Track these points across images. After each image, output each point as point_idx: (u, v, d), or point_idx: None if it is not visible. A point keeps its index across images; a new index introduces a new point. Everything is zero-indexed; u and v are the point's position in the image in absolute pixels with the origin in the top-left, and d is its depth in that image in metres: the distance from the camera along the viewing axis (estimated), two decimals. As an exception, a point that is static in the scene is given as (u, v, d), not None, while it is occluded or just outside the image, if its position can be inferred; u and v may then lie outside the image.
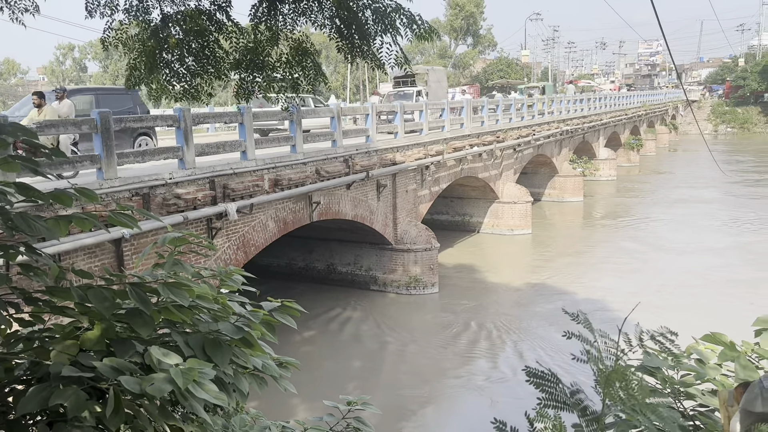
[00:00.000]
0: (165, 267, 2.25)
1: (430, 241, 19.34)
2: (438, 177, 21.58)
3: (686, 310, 16.12)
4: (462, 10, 73.19)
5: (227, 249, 12.70)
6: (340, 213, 16.55)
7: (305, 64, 5.57)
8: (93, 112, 10.60)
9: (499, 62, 78.81)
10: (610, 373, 2.29)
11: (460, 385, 13.73)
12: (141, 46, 5.35)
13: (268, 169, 13.75)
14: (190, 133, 11.89)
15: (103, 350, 1.85)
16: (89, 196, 2.10)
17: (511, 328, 16.50)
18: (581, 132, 37.31)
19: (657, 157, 54.16)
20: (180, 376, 1.67)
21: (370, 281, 19.81)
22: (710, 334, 3.37)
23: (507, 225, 26.83)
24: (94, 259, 9.95)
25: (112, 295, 1.90)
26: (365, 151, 17.46)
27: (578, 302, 17.21)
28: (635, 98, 57.41)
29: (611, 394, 2.27)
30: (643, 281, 19.56)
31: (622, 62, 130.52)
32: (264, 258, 18.02)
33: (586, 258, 23.30)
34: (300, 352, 14.35)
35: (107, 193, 10.15)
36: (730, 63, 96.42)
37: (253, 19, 5.07)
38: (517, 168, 28.46)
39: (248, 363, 2.10)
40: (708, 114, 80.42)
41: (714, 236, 25.34)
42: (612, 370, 2.31)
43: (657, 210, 31.55)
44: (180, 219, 11.06)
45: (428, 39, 4.95)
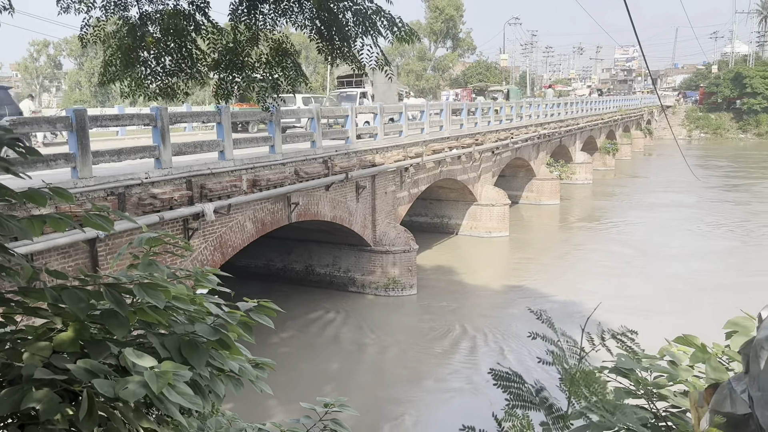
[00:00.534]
0: (139, 267, 2.23)
1: (409, 242, 19.38)
2: (417, 179, 21.64)
3: (660, 311, 16.38)
4: (442, 13, 73.50)
5: (204, 250, 12.58)
6: (319, 214, 16.50)
7: (285, 65, 5.55)
8: (68, 110, 10.43)
9: (479, 66, 79.36)
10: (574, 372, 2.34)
11: (439, 387, 13.77)
12: (118, 42, 5.29)
13: (246, 170, 13.66)
14: (167, 132, 11.76)
15: (77, 352, 1.83)
16: (64, 196, 2.07)
17: (489, 329, 16.61)
18: (558, 136, 37.72)
19: (632, 162, 54.96)
20: (155, 380, 1.65)
21: (348, 283, 19.78)
22: (682, 336, 3.43)
23: (485, 227, 27.01)
24: (68, 259, 9.79)
25: (86, 296, 1.87)
26: (345, 152, 17.44)
27: (554, 303, 17.39)
28: (611, 103, 58.19)
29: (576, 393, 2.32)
30: (618, 283, 19.83)
31: (599, 67, 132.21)
32: (242, 259, 17.89)
33: (563, 260, 23.55)
34: (277, 354, 14.27)
35: (82, 192, 9.99)
36: (703, 70, 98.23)
37: (232, 19, 5.04)
38: (495, 171, 28.67)
39: (225, 365, 2.08)
40: (682, 119, 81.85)
41: (688, 240, 25.81)
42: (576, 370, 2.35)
43: (632, 213, 32.02)
44: (156, 219, 10.93)
45: (408, 41, 4.97)
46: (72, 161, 10.03)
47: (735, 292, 18.05)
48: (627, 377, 3.08)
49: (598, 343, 2.64)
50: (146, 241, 2.32)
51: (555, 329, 2.57)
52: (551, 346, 2.51)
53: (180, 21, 5.09)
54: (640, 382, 3.06)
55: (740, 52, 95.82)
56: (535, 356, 2.77)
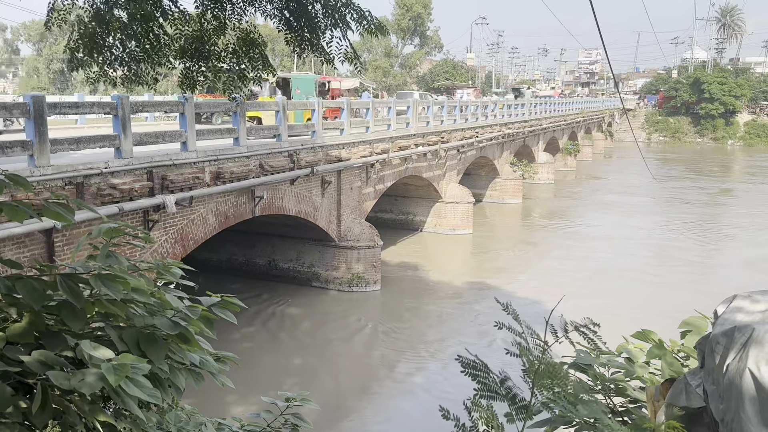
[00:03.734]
0: (98, 259, 2.17)
1: (374, 238, 19.38)
2: (383, 175, 21.65)
3: (619, 307, 16.77)
4: (410, 10, 73.55)
5: (164, 242, 12.35)
6: (284, 208, 16.37)
7: (252, 55, 5.48)
8: (25, 97, 10.10)
9: (445, 64, 79.72)
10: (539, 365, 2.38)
11: (401, 382, 13.83)
12: (83, 28, 5.14)
13: (209, 162, 13.45)
14: (128, 122, 11.49)
15: (32, 343, 1.76)
16: (22, 184, 2.00)
17: (452, 325, 16.75)
18: (522, 136, 38.23)
19: (593, 163, 56.08)
20: (112, 372, 1.60)
21: (312, 278, 19.69)
22: (641, 331, 3.52)
23: (449, 224, 27.22)
24: (23, 249, 9.50)
25: (42, 286, 1.81)
26: (311, 146, 17.33)
27: (516, 300, 17.40)
28: (573, 105, 59.23)
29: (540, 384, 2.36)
30: (578, 280, 20.23)
31: (563, 69, 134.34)
32: (203, 252, 17.63)
33: (525, 258, 23.91)
34: (239, 349, 14.12)
35: (39, 181, 9.70)
36: (664, 74, 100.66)
37: (199, 7, 4.95)
38: (460, 169, 28.89)
39: (185, 359, 2.04)
40: (642, 122, 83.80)
41: (646, 238, 26.50)
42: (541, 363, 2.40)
43: (592, 213, 32.71)
44: (115, 210, 10.68)
45: (378, 35, 4.96)
46: (29, 149, 9.72)
47: (691, 288, 18.65)
48: (585, 372, 3.15)
49: (562, 335, 2.69)
50: (105, 232, 2.25)
51: (520, 321, 2.61)
52: (517, 338, 2.54)
53: (147, 6, 4.97)
54: (598, 378, 3.14)
55: (699, 58, 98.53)
56: (495, 351, 2.82)
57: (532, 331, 2.64)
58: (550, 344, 2.60)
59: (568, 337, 2.74)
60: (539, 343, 2.57)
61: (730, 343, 1.94)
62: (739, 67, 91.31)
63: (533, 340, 2.59)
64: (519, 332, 2.55)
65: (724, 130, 78.20)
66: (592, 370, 3.14)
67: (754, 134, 77.16)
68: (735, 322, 2.02)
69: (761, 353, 1.82)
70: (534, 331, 2.66)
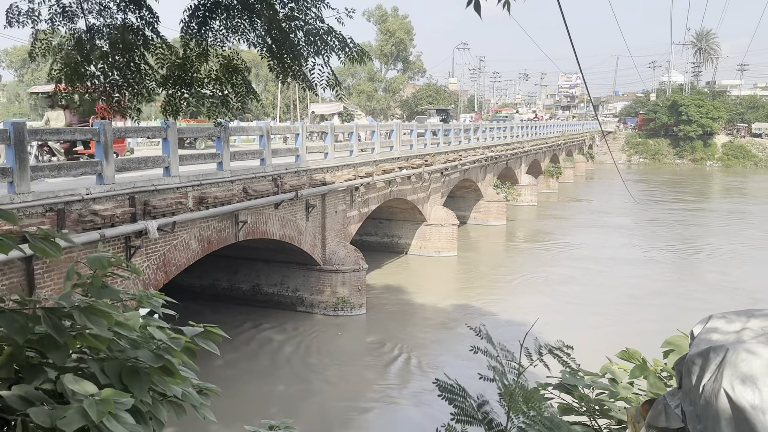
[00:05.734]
0: (91, 291, 2.16)
1: (359, 262, 19.35)
2: (367, 198, 21.71)
3: (602, 328, 16.86)
4: (392, 36, 74.50)
5: (146, 269, 12.23)
6: (268, 232, 16.31)
7: (235, 81, 5.52)
8: (6, 123, 10.04)
9: (428, 88, 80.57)
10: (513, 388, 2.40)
11: (386, 408, 13.72)
12: (65, 57, 5.14)
13: (192, 187, 13.40)
14: (110, 148, 11.45)
15: (12, 377, 1.75)
16: (8, 218, 2.00)
17: (436, 348, 16.70)
18: (505, 159, 38.62)
19: (575, 185, 56.72)
20: (94, 408, 1.58)
21: (296, 302, 19.56)
22: (626, 350, 3.55)
23: (434, 247, 27.28)
24: (1, 277, 9.35)
25: (24, 319, 1.80)
26: (295, 170, 17.35)
27: (501, 321, 17.65)
28: (555, 128, 60.04)
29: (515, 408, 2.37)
30: (562, 301, 20.32)
31: (544, 93, 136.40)
32: (186, 278, 17.47)
33: (509, 279, 23.98)
34: (222, 376, 13.94)
35: (19, 208, 9.59)
36: (643, 97, 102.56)
37: (183, 35, 4.99)
38: (444, 191, 29.06)
39: (168, 391, 2.03)
40: (622, 145, 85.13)
41: (627, 259, 26.74)
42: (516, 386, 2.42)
43: (575, 234, 32.99)
44: (96, 236, 10.58)
45: (360, 62, 5.03)
46: (9, 176, 9.63)
47: (673, 309, 18.79)
48: (571, 394, 3.16)
49: (536, 358, 2.71)
50: (91, 262, 2.25)
51: (494, 345, 2.63)
52: (492, 362, 2.56)
53: (128, 35, 5.00)
54: (583, 399, 3.15)
55: (677, 81, 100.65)
56: (479, 373, 2.82)
57: (508, 353, 2.66)
58: (525, 367, 2.62)
59: (542, 360, 2.76)
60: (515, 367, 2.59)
61: (705, 364, 1.97)
62: (715, 90, 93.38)
63: (509, 363, 2.61)
64: (494, 356, 2.57)
65: (702, 151, 79.68)
66: (577, 391, 3.16)
67: (731, 155, 78.69)
68: (710, 342, 2.05)
69: (735, 373, 1.86)
70: (512, 353, 2.68)
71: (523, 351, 2.70)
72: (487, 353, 2.60)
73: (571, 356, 2.95)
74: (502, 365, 2.56)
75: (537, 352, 2.73)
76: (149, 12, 5.09)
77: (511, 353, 2.73)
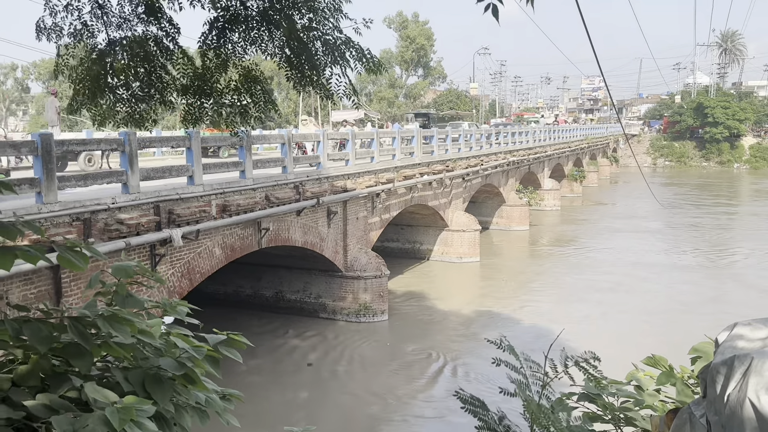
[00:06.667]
0: (116, 299, 2.20)
1: (380, 268, 19.35)
2: (388, 204, 21.72)
3: (629, 334, 16.61)
4: (413, 42, 74.61)
5: (171, 276, 12.38)
6: (290, 239, 16.41)
7: (254, 91, 5.57)
8: (33, 135, 10.28)
9: (449, 94, 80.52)
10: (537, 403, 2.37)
11: (409, 414, 13.66)
12: (85, 70, 5.25)
13: (215, 195, 13.55)
14: (135, 158, 11.64)
15: (38, 385, 1.78)
16: (36, 230, 2.05)
17: (460, 356, 16.59)
18: (527, 163, 38.36)
19: (599, 189, 56.08)
20: (116, 415, 1.61)
21: (319, 309, 19.62)
22: (651, 357, 3.49)
23: (456, 252, 27.17)
24: (30, 286, 9.53)
25: (49, 329, 1.84)
26: (316, 177, 17.45)
27: (525, 329, 17.50)
28: (578, 131, 59.49)
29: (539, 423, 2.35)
30: (587, 307, 20.06)
31: (566, 96, 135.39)
32: (210, 285, 17.64)
33: (533, 285, 23.76)
34: (245, 383, 14.02)
35: (47, 217, 9.80)
36: (667, 100, 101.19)
37: (202, 46, 5.06)
38: (465, 197, 28.95)
39: (190, 399, 2.05)
40: (647, 148, 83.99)
41: (654, 264, 26.30)
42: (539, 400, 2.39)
43: (600, 239, 32.58)
44: (122, 245, 10.75)
45: (377, 72, 5.05)
46: (37, 186, 9.84)
47: (700, 315, 18.43)
48: (595, 402, 3.12)
49: (561, 370, 2.68)
50: (116, 271, 2.29)
51: (517, 356, 2.61)
52: (514, 374, 2.54)
53: (149, 47, 5.09)
54: (608, 407, 3.10)
55: (702, 82, 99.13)
56: (503, 382, 2.79)
57: (533, 364, 2.63)
58: (550, 380, 2.59)
59: (567, 373, 2.73)
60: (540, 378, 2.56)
61: (730, 372, 1.93)
62: (742, 91, 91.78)
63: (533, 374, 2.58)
64: (518, 368, 2.54)
65: (729, 153, 78.27)
66: (601, 399, 3.11)
67: (759, 157, 77.16)
68: (735, 350, 2.01)
69: (761, 382, 1.82)
70: (537, 363, 2.65)
71: (547, 362, 2.67)
72: (510, 365, 2.57)
73: (598, 368, 2.90)
74: (526, 377, 2.53)
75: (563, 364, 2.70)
76: (169, 23, 5.19)
77: (536, 363, 2.70)
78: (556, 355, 2.78)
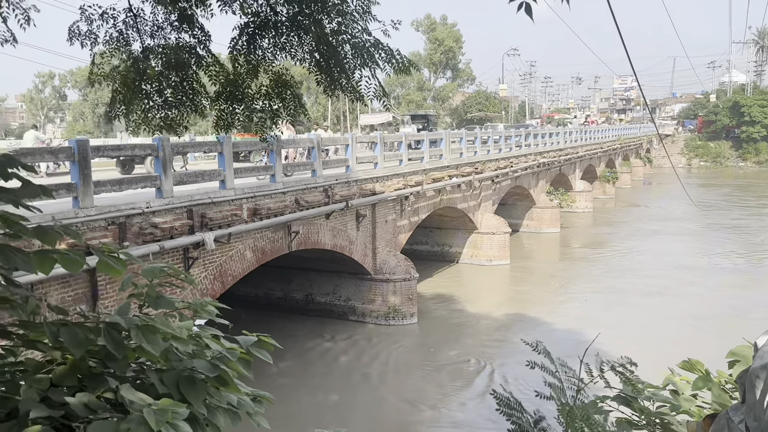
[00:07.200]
0: (148, 301, 2.25)
1: (409, 271, 19.33)
2: (417, 207, 21.70)
3: (663, 339, 16.26)
4: (441, 44, 74.51)
5: (204, 279, 12.57)
6: (320, 243, 16.51)
7: (285, 96, 5.63)
8: (70, 141, 10.55)
9: (478, 95, 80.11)
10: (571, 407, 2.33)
11: (439, 418, 13.61)
12: (122, 77, 5.38)
13: (247, 199, 13.72)
14: (169, 163, 11.86)
15: (75, 386, 1.83)
16: (73, 235, 2.10)
17: (490, 359, 16.47)
18: (558, 164, 37.92)
19: (632, 190, 55.12)
20: (152, 416, 1.65)
21: (348, 311, 19.69)
22: (687, 361, 3.41)
23: (486, 255, 26.99)
24: (67, 288, 9.78)
25: (85, 333, 1.88)
26: (345, 181, 17.53)
27: (556, 332, 17.27)
28: (610, 132, 58.60)
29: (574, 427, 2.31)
30: (620, 312, 19.72)
31: (598, 97, 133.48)
32: (241, 288, 17.84)
33: (564, 288, 23.46)
34: (275, 385, 14.13)
35: (83, 222, 10.03)
36: (702, 99, 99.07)
37: (232, 52, 5.14)
38: (495, 199, 28.75)
39: (222, 401, 2.08)
40: (681, 148, 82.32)
41: (689, 267, 25.72)
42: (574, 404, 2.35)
43: (633, 242, 31.99)
44: (156, 248, 10.95)
45: (406, 73, 5.06)
46: (74, 191, 10.08)
47: (738, 320, 17.94)
48: (630, 406, 3.06)
49: (597, 375, 2.64)
50: (146, 273, 2.33)
51: (552, 360, 2.58)
52: (550, 378, 2.51)
53: (182, 54, 5.19)
54: (643, 411, 3.04)
55: (738, 81, 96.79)
56: (535, 386, 2.76)
57: (567, 369, 2.59)
58: (585, 384, 2.55)
59: (603, 377, 2.68)
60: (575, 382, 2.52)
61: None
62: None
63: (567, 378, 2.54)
64: (552, 371, 2.51)
65: (767, 153, 76.21)
66: (636, 403, 3.06)
67: (799, 156, 75.02)
68: (776, 355, 1.95)
69: (802, 389, 1.76)
70: (571, 369, 2.62)
71: (582, 366, 2.63)
72: (545, 369, 2.55)
73: (634, 373, 2.85)
74: (561, 381, 2.50)
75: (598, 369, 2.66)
76: (201, 31, 5.28)
77: (571, 369, 2.66)
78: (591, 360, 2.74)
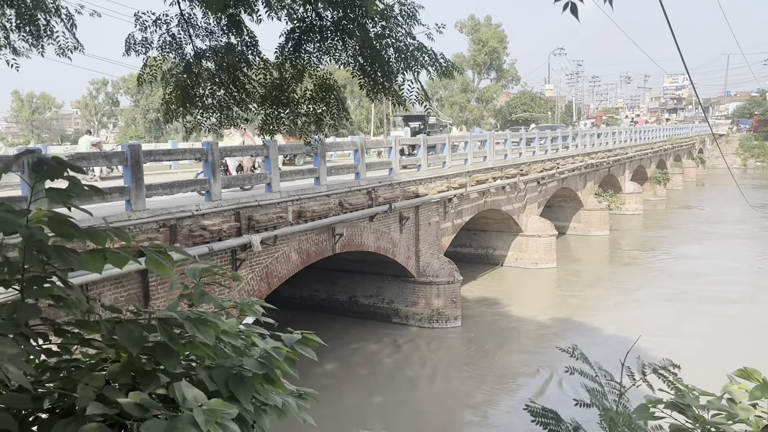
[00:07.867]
0: (194, 299, 2.31)
1: (453, 273, 19.23)
2: (461, 209, 21.57)
3: (716, 347, 15.71)
4: (485, 45, 73.91)
5: (251, 280, 12.79)
6: (363, 245, 16.59)
7: (329, 100, 5.70)
8: (123, 146, 10.89)
9: (523, 96, 79.13)
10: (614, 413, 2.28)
11: (483, 422, 13.48)
12: (175, 80, 5.55)
13: (292, 201, 13.90)
14: (218, 167, 12.13)
15: (129, 383, 1.89)
16: (123, 237, 2.17)
17: (535, 364, 16.22)
18: (606, 165, 37.08)
19: (684, 191, 53.44)
20: (202, 416, 1.68)
21: (392, 314, 19.71)
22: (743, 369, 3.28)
23: (531, 258, 26.60)
24: (120, 289, 10.09)
25: (139, 330, 1.95)
26: (388, 183, 17.57)
27: (604, 337, 16.89)
28: (661, 132, 57.01)
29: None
30: (672, 317, 19.15)
31: (647, 96, 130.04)
32: (287, 289, 18.07)
33: (613, 293, 22.91)
34: (320, 385, 14.26)
35: (135, 224, 10.35)
36: (758, 97, 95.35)
37: (278, 57, 5.23)
38: (541, 201, 28.32)
39: (269, 400, 2.11)
40: (736, 148, 79.38)
41: (744, 273, 24.77)
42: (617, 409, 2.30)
43: (685, 245, 31.01)
44: (205, 250, 11.21)
45: (449, 77, 5.05)
46: (126, 194, 10.41)
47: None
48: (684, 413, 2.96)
49: (639, 378, 2.57)
50: (190, 273, 2.39)
51: (591, 365, 2.53)
52: (590, 383, 2.46)
53: (232, 57, 5.33)
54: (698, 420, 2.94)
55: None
56: (574, 399, 2.71)
57: (607, 373, 2.54)
58: (627, 388, 2.49)
59: (645, 380, 2.61)
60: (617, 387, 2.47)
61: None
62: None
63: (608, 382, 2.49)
64: (592, 376, 2.46)
65: (829, 152, 72.85)
66: (691, 411, 2.96)
67: None
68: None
69: None
70: (610, 374, 2.56)
71: (624, 370, 2.58)
72: (584, 373, 2.50)
73: (678, 376, 2.77)
74: (602, 386, 2.44)
75: (640, 372, 2.59)
76: (249, 35, 5.41)
77: (610, 374, 2.61)
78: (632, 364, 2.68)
